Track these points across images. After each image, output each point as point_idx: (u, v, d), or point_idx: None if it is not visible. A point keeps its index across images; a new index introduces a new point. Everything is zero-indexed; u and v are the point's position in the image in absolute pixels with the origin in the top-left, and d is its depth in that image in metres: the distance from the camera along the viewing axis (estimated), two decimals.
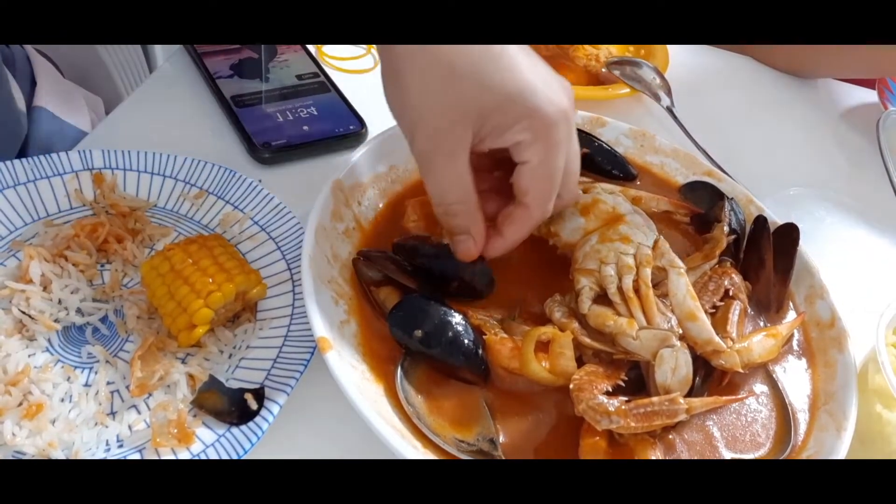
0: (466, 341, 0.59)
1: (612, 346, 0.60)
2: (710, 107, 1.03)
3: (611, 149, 0.82)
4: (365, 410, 0.52)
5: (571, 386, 0.56)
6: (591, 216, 0.68)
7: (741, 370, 0.60)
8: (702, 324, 0.60)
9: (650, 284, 0.62)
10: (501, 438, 0.56)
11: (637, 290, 0.62)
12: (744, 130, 1.01)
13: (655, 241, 0.66)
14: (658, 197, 0.77)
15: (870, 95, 1.10)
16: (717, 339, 0.60)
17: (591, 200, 0.69)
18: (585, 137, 0.81)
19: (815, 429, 0.61)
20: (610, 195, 0.70)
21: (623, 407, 0.55)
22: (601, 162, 0.81)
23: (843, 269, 0.83)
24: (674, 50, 1.07)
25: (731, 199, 0.76)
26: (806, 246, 0.73)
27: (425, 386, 0.58)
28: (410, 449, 0.51)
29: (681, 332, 0.60)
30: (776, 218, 0.75)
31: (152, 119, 0.80)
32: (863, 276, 0.84)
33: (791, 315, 0.71)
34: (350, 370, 0.55)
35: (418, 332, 0.58)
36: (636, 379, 0.59)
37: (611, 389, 0.57)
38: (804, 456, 0.59)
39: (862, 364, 0.65)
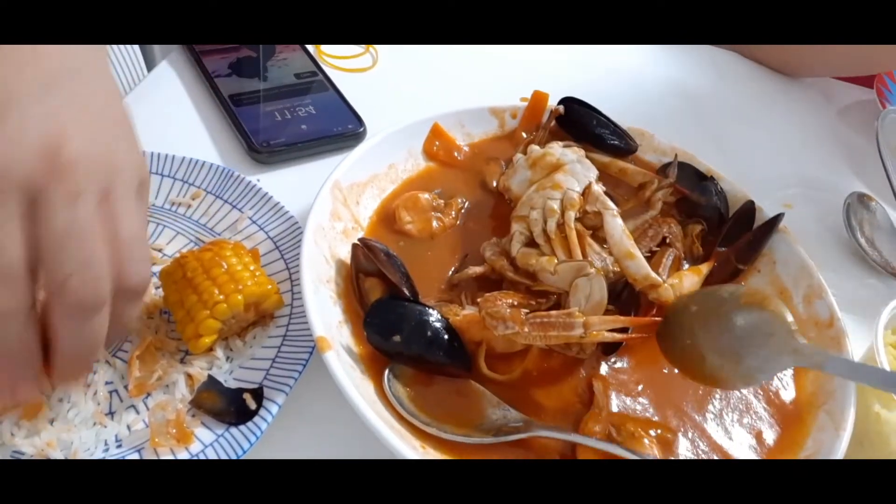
0: (444, 336, 0.59)
1: (535, 281, 0.63)
2: (708, 107, 1.04)
3: (610, 121, 0.83)
4: (364, 410, 0.52)
5: (479, 300, 0.59)
6: (537, 168, 0.72)
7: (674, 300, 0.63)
8: (638, 261, 0.64)
9: (573, 226, 0.65)
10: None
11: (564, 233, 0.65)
12: (742, 131, 1.01)
13: (587, 186, 0.69)
14: (645, 171, 0.80)
15: (868, 94, 1.10)
16: (653, 274, 0.63)
17: (541, 154, 0.73)
18: (587, 112, 0.83)
19: (814, 429, 0.61)
20: (562, 149, 0.73)
21: (519, 313, 0.57)
22: (604, 134, 0.82)
23: (842, 269, 0.83)
24: (673, 49, 1.07)
25: (712, 178, 0.78)
26: (805, 245, 0.73)
27: (414, 385, 0.58)
28: (409, 449, 0.51)
29: (603, 265, 0.63)
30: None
31: (150, 118, 0.80)
32: (861, 276, 0.84)
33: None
34: (349, 370, 0.55)
35: (397, 337, 0.58)
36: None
37: (516, 303, 0.59)
38: (803, 456, 0.59)
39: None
